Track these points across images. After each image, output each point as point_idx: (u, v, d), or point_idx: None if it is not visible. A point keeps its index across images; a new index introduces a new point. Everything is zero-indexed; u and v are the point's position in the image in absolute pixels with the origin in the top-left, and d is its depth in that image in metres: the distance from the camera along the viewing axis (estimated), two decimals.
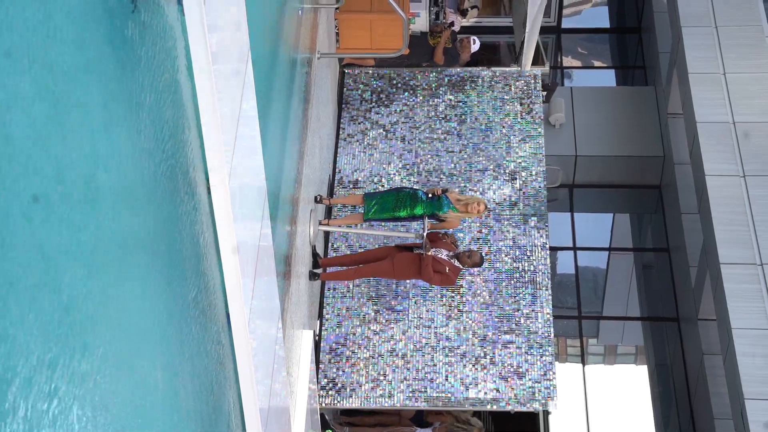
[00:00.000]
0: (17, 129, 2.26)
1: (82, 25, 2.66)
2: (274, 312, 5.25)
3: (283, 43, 6.96)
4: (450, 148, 10.90)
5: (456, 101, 11.32)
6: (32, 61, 2.34)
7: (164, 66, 3.40)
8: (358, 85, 11.47)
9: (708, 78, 11.73)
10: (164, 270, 3.51)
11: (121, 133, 3.00)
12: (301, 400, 7.16)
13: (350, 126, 11.10)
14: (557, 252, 13.40)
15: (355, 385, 9.23)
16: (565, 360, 12.97)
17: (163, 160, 3.44)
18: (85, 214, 2.69)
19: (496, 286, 9.83)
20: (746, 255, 10.21)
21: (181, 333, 3.75)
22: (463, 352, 9.41)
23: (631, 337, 13.77)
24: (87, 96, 2.71)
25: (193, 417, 3.97)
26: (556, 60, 15.61)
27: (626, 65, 16.19)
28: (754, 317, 9.81)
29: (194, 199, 3.86)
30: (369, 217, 9.00)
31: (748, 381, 9.44)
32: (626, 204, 14.46)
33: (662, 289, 13.14)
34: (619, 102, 13.96)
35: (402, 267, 8.73)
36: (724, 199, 10.65)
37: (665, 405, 12.65)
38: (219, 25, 3.58)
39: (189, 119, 3.74)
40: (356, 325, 9.56)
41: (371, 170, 10.69)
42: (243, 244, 4.08)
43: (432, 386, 9.23)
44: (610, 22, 16.87)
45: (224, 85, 3.67)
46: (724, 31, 12.10)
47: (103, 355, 2.81)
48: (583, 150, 13.47)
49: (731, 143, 11.10)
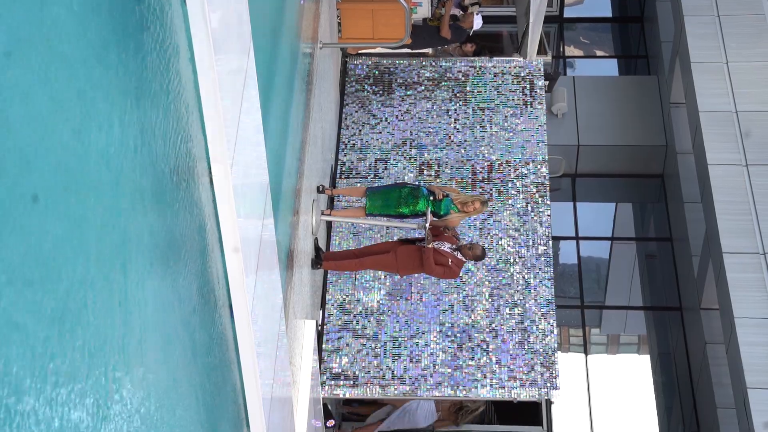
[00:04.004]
0: (18, 122, 2.25)
1: (82, 15, 2.65)
2: (276, 302, 5.26)
3: (285, 33, 6.94)
4: (452, 138, 10.89)
5: (458, 91, 11.31)
6: (32, 53, 2.33)
7: (166, 57, 3.40)
8: (360, 74, 11.45)
9: (710, 67, 11.72)
10: (166, 261, 3.51)
11: (122, 125, 3.00)
12: (303, 390, 7.17)
13: (352, 116, 11.09)
14: (560, 242, 13.40)
15: (358, 374, 9.24)
16: (568, 350, 12.98)
17: (165, 152, 3.43)
18: (87, 207, 2.69)
19: (499, 276, 9.83)
20: (749, 244, 10.21)
21: (183, 324, 3.75)
22: (465, 342, 9.42)
23: (634, 327, 13.78)
24: (87, 88, 2.71)
25: (195, 408, 3.97)
26: (558, 49, 15.59)
27: (629, 54, 16.17)
28: (757, 306, 9.82)
29: (196, 190, 3.85)
30: (371, 212, 9.01)
31: (750, 370, 9.45)
32: (629, 193, 14.45)
33: (665, 278, 13.14)
34: (621, 91, 13.94)
35: (404, 260, 8.73)
36: (726, 188, 10.65)
37: (668, 394, 12.66)
38: (221, 16, 3.58)
39: (191, 110, 3.74)
40: (359, 315, 9.56)
41: (373, 160, 10.68)
42: (245, 235, 4.08)
43: (434, 376, 9.24)
44: (612, 11, 16.83)
45: (226, 75, 3.66)
46: (726, 21, 12.08)
47: (105, 349, 2.82)
48: (585, 139, 13.46)
49: (734, 132, 11.09)
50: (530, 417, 10.69)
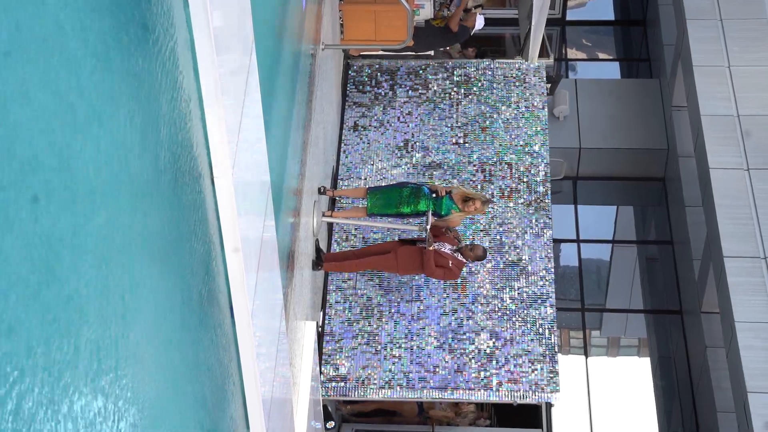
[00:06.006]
0: (20, 120, 2.25)
1: (83, 15, 2.65)
2: (277, 304, 5.26)
3: (287, 35, 6.95)
4: (454, 140, 10.89)
5: (460, 93, 11.31)
6: (33, 53, 2.33)
7: (167, 58, 3.40)
8: (362, 76, 11.46)
9: (712, 71, 11.71)
10: (167, 262, 3.51)
11: (123, 125, 3.00)
12: (303, 391, 7.17)
13: (354, 117, 11.09)
14: (561, 244, 13.40)
15: (358, 376, 9.23)
16: (568, 352, 12.97)
17: (167, 152, 3.43)
18: (90, 207, 2.69)
19: (499, 278, 9.83)
20: (750, 248, 10.20)
21: (184, 325, 3.75)
22: (465, 344, 9.41)
23: (634, 330, 13.77)
24: (88, 88, 2.70)
25: (196, 408, 3.97)
26: (560, 52, 15.59)
27: (631, 57, 16.16)
28: (758, 310, 9.81)
29: (198, 191, 3.85)
30: (372, 212, 9.00)
31: (751, 374, 9.45)
32: (630, 196, 14.44)
33: (665, 281, 13.14)
34: (623, 94, 13.94)
35: (405, 261, 8.74)
36: (728, 191, 10.64)
37: (668, 398, 12.66)
38: (223, 16, 3.58)
39: (193, 111, 3.74)
40: (359, 316, 9.56)
41: (374, 162, 10.68)
42: (246, 236, 4.08)
43: (434, 378, 9.24)
44: (614, 14, 16.83)
45: (228, 76, 3.66)
46: (729, 24, 12.07)
47: (107, 347, 2.82)
48: (586, 142, 13.46)
49: (736, 136, 11.08)
50: (530, 419, 10.68)
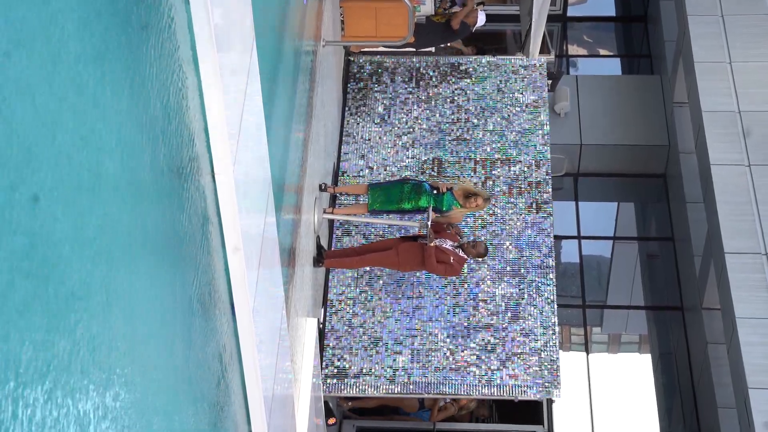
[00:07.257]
0: (21, 120, 2.25)
1: (84, 14, 2.66)
2: (278, 301, 5.26)
3: (288, 31, 6.94)
4: (454, 137, 10.88)
5: (461, 90, 11.30)
6: (33, 52, 2.33)
7: (168, 55, 3.40)
8: (363, 73, 11.45)
9: (714, 67, 11.70)
10: (168, 259, 3.52)
11: (126, 122, 3.00)
12: (304, 388, 7.18)
13: (355, 114, 11.09)
14: (561, 241, 13.40)
15: (359, 372, 9.24)
16: (569, 349, 12.98)
17: (167, 149, 3.44)
18: (91, 203, 2.70)
19: (501, 275, 9.83)
20: (751, 244, 10.20)
21: (186, 322, 3.75)
22: (467, 340, 9.42)
23: (635, 326, 13.78)
24: (88, 87, 2.71)
25: (197, 405, 3.98)
26: (561, 48, 15.58)
27: (632, 54, 16.16)
28: (759, 306, 9.82)
29: (199, 188, 3.86)
30: (373, 209, 9.00)
31: (751, 370, 9.45)
32: (631, 193, 14.45)
33: (666, 278, 13.14)
34: (624, 91, 13.93)
35: (406, 257, 8.74)
36: (729, 188, 10.64)
37: (669, 394, 12.66)
38: (224, 13, 3.58)
39: (194, 108, 3.74)
40: (360, 313, 9.56)
41: (375, 158, 10.68)
42: (247, 233, 4.09)
43: (435, 375, 9.24)
44: (615, 10, 16.82)
45: (229, 72, 3.66)
46: (730, 20, 12.07)
47: (109, 344, 2.82)
48: (587, 139, 13.45)
49: (737, 132, 11.08)
50: (531, 416, 10.69)
